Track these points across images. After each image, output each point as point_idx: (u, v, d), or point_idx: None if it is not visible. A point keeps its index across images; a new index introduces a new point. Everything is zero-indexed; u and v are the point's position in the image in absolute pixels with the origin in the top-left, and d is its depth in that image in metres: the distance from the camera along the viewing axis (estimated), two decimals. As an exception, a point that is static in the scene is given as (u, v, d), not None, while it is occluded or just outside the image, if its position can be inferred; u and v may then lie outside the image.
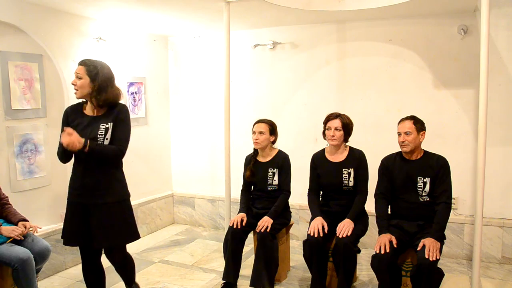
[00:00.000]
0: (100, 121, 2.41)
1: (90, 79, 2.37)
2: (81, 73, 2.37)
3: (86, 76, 2.37)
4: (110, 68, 2.47)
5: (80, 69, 2.38)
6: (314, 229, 2.83)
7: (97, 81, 2.37)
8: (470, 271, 3.29)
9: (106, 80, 2.41)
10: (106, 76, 2.41)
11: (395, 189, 2.83)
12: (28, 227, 2.72)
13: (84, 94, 2.39)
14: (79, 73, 2.37)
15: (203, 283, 3.30)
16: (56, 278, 3.38)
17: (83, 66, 2.38)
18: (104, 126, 2.39)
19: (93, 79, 2.37)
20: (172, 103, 4.89)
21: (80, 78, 2.37)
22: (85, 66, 2.38)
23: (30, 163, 3.33)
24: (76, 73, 2.38)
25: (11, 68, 3.15)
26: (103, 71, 2.41)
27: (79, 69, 2.38)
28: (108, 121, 2.41)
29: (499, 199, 3.57)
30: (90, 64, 2.39)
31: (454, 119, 3.69)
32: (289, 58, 4.26)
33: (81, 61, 2.42)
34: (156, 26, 4.20)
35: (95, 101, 2.40)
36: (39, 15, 3.30)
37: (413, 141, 2.70)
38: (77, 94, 2.41)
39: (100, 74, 2.38)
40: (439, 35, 3.68)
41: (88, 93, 2.39)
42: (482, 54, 2.68)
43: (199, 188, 4.83)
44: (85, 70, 2.37)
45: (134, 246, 4.10)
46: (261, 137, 3.17)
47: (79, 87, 2.38)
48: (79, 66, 2.40)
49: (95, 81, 2.37)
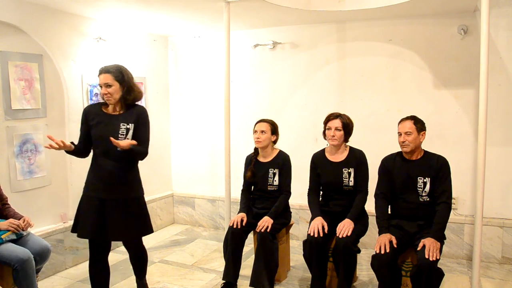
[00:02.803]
0: (120, 120, 2.53)
1: (119, 83, 2.51)
2: (109, 81, 2.48)
3: (116, 82, 2.49)
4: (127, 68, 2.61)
5: (107, 77, 2.48)
6: (314, 229, 2.83)
7: (125, 83, 2.52)
8: (470, 271, 3.29)
9: (131, 80, 2.57)
10: (129, 76, 2.57)
11: (395, 189, 2.83)
12: (26, 220, 2.71)
13: (117, 99, 2.53)
14: (107, 81, 2.48)
15: (203, 283, 3.30)
16: (56, 278, 3.38)
17: (109, 73, 2.49)
18: (125, 126, 2.52)
19: (121, 83, 2.51)
20: (172, 103, 4.89)
21: (110, 86, 2.49)
22: (110, 73, 2.49)
23: (30, 163, 3.33)
24: (105, 83, 2.48)
25: (11, 68, 3.15)
26: (126, 72, 2.56)
27: (105, 77, 2.49)
28: (129, 122, 2.53)
29: (499, 199, 3.57)
30: (113, 70, 2.51)
31: (454, 119, 3.69)
32: (289, 58, 4.26)
33: (103, 69, 2.52)
34: (156, 26, 4.20)
35: (124, 101, 2.55)
36: (39, 15, 3.30)
37: (413, 141, 2.70)
38: (111, 101, 2.53)
39: (125, 76, 2.53)
40: (439, 35, 3.68)
41: (120, 97, 2.53)
42: (482, 54, 2.68)
43: (199, 188, 4.83)
44: (113, 77, 2.49)
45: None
46: (262, 136, 3.17)
47: (112, 94, 2.50)
48: (104, 75, 2.49)
49: (123, 83, 2.52)
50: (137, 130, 2.54)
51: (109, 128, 2.50)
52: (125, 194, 2.53)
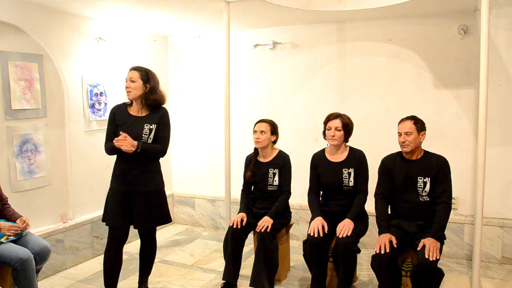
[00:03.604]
0: (144, 121, 2.72)
1: (143, 82, 2.70)
2: (134, 77, 2.69)
3: (140, 79, 2.69)
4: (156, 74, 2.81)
5: (134, 73, 2.70)
6: (314, 229, 2.83)
7: (150, 84, 2.71)
8: (470, 271, 3.29)
9: (156, 84, 2.76)
10: (155, 80, 2.77)
11: (395, 189, 2.83)
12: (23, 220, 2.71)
13: (137, 95, 2.71)
14: (132, 77, 2.69)
15: (203, 283, 3.30)
16: (56, 278, 3.38)
17: (136, 71, 2.71)
18: (148, 126, 2.72)
19: (146, 82, 2.70)
20: (172, 103, 4.88)
21: (134, 82, 2.69)
22: (138, 71, 2.71)
23: (30, 163, 3.33)
24: (130, 78, 2.69)
25: (11, 68, 3.15)
26: (153, 76, 2.76)
27: (132, 73, 2.70)
28: (153, 123, 2.73)
29: (499, 199, 3.57)
30: (141, 69, 2.74)
31: (454, 119, 3.69)
32: (289, 58, 4.26)
33: (133, 67, 2.75)
34: (156, 26, 4.20)
35: (145, 101, 2.73)
36: (39, 15, 3.30)
37: (413, 141, 2.70)
38: (130, 95, 2.71)
39: (151, 78, 2.73)
40: (439, 35, 3.68)
41: (140, 95, 2.71)
42: (482, 54, 2.68)
43: (199, 188, 4.83)
44: (139, 75, 2.70)
45: (134, 246, 4.11)
46: (262, 136, 3.17)
47: (134, 89, 2.69)
48: (131, 71, 2.72)
49: (147, 83, 2.71)
50: (158, 129, 2.74)
51: (133, 128, 2.69)
52: (149, 187, 2.75)
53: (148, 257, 2.99)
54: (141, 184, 2.73)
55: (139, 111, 2.77)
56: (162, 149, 2.80)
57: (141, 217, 2.75)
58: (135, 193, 2.73)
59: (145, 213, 2.74)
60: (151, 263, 3.02)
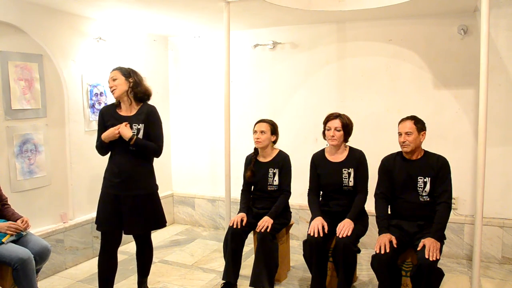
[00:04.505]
0: (132, 121, 2.66)
1: (125, 77, 2.67)
2: (115, 75, 2.67)
3: (121, 76, 2.67)
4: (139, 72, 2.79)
5: (114, 73, 2.69)
6: (314, 229, 2.83)
7: (132, 78, 2.68)
8: (470, 271, 3.29)
9: (140, 78, 2.74)
10: (138, 75, 2.74)
11: (395, 189, 2.83)
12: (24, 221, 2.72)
13: (122, 91, 2.66)
14: (113, 76, 2.67)
15: (203, 283, 3.30)
16: (56, 278, 3.38)
17: (116, 70, 2.70)
18: (136, 126, 2.65)
19: (128, 77, 2.68)
20: (172, 103, 4.89)
21: (116, 79, 2.66)
22: (118, 70, 2.70)
23: (30, 163, 3.33)
24: (111, 77, 2.67)
25: (11, 68, 3.15)
26: (136, 73, 2.74)
27: (113, 73, 2.68)
28: (139, 122, 2.66)
29: (499, 199, 3.57)
30: (122, 68, 2.72)
31: (454, 119, 3.69)
32: (289, 58, 4.26)
33: (114, 68, 2.72)
34: (156, 26, 4.20)
35: (133, 95, 2.68)
36: (39, 15, 3.30)
37: (413, 141, 2.70)
38: (115, 93, 2.67)
39: (132, 73, 2.71)
40: (439, 35, 3.68)
41: (125, 91, 2.67)
42: (482, 54, 2.68)
43: (199, 188, 4.83)
44: (119, 72, 2.68)
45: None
46: (262, 136, 3.17)
47: (117, 86, 2.65)
48: (113, 72, 2.70)
49: (130, 78, 2.68)
50: (147, 128, 2.67)
51: None
52: (139, 190, 2.66)
53: (145, 259, 2.94)
54: (132, 188, 2.64)
55: (127, 109, 2.71)
56: (157, 147, 2.72)
57: (132, 223, 2.65)
58: (125, 196, 2.63)
59: (136, 218, 2.65)
60: (148, 265, 2.98)
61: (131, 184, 2.64)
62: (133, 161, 2.65)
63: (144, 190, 2.69)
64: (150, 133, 2.69)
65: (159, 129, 2.74)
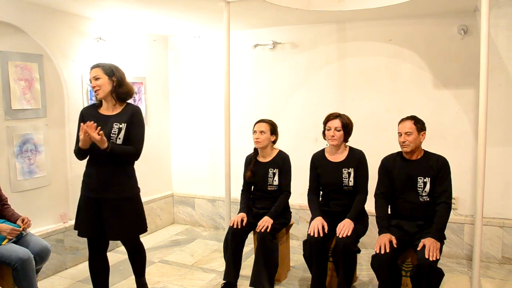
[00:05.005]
0: (114, 120, 2.54)
1: (108, 76, 2.54)
2: (98, 74, 2.53)
3: (104, 75, 2.53)
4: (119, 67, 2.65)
5: (96, 71, 2.54)
6: (314, 229, 2.83)
7: (115, 77, 2.55)
8: (470, 271, 3.29)
9: (122, 75, 2.60)
10: (120, 72, 2.61)
11: (395, 189, 2.83)
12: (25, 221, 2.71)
13: (106, 92, 2.54)
14: (96, 75, 2.53)
15: (203, 283, 3.30)
16: (56, 278, 3.38)
17: (98, 68, 2.54)
18: (117, 126, 2.53)
19: (111, 76, 2.54)
20: (172, 103, 4.89)
21: (99, 78, 2.52)
22: (100, 68, 2.54)
23: (30, 163, 3.33)
24: (93, 76, 2.53)
25: (11, 68, 3.15)
26: (117, 69, 2.60)
27: (94, 71, 2.54)
28: (122, 122, 2.54)
29: (499, 199, 3.57)
30: (103, 65, 2.57)
31: (454, 119, 3.69)
32: (289, 58, 4.26)
33: (94, 65, 2.57)
34: (156, 26, 4.20)
35: (116, 96, 2.57)
36: (39, 15, 3.29)
37: (413, 141, 2.70)
38: (99, 95, 2.55)
39: (115, 71, 2.57)
40: (439, 35, 3.68)
41: (109, 91, 2.55)
42: (482, 54, 2.68)
43: (199, 188, 4.83)
44: (102, 70, 2.53)
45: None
46: (262, 137, 3.17)
47: (101, 86, 2.52)
48: (93, 69, 2.54)
49: (113, 77, 2.55)
50: (129, 129, 2.54)
51: (102, 129, 2.46)
52: (119, 193, 2.54)
53: (136, 262, 2.83)
54: (111, 191, 2.51)
55: (110, 109, 2.59)
56: (135, 151, 2.57)
57: (112, 228, 2.54)
58: (104, 200, 2.52)
59: (116, 223, 2.53)
60: (141, 267, 2.86)
61: (110, 187, 2.52)
62: (111, 164, 2.52)
63: (124, 194, 2.56)
64: (131, 134, 2.55)
65: (141, 131, 2.61)
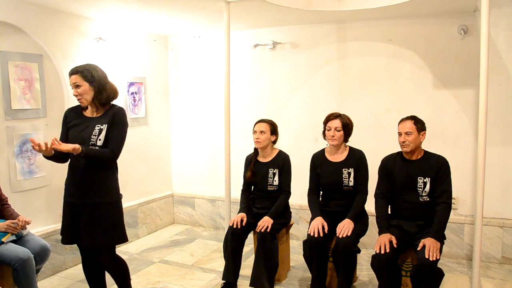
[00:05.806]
0: (96, 122, 2.45)
1: (89, 83, 2.40)
2: (78, 81, 2.39)
3: (84, 81, 2.39)
4: (98, 66, 2.51)
5: (75, 78, 2.39)
6: (314, 229, 2.83)
7: (96, 82, 2.41)
8: (470, 271, 3.29)
9: (102, 78, 2.45)
10: (100, 74, 2.45)
11: (395, 189, 2.83)
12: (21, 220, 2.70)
13: (89, 100, 2.43)
14: (76, 81, 2.39)
15: (203, 283, 3.30)
16: (56, 278, 3.38)
17: (77, 74, 2.40)
18: (98, 127, 2.42)
19: (91, 82, 2.40)
20: (172, 103, 4.89)
21: (79, 86, 2.39)
22: (78, 74, 2.39)
23: (30, 163, 3.33)
24: (73, 83, 2.40)
25: (11, 68, 3.15)
26: (96, 70, 2.44)
27: (74, 78, 2.39)
28: (104, 123, 2.43)
29: (499, 199, 3.57)
30: (81, 69, 2.41)
31: (454, 119, 3.69)
32: (289, 58, 4.26)
33: (72, 70, 2.43)
34: (156, 26, 4.20)
35: (98, 101, 2.44)
36: (39, 15, 3.29)
37: (413, 141, 2.70)
38: (83, 103, 2.44)
39: (95, 75, 2.41)
40: (439, 35, 3.68)
41: (92, 97, 2.42)
42: (482, 54, 2.68)
43: (199, 188, 4.83)
44: (81, 77, 2.39)
45: (134, 246, 4.11)
46: (262, 137, 3.17)
47: (83, 94, 2.40)
48: (72, 76, 2.40)
49: (93, 82, 2.40)
50: (109, 130, 2.42)
51: (84, 131, 2.42)
52: (97, 198, 2.41)
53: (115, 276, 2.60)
54: (89, 195, 2.40)
55: (93, 112, 2.49)
56: (112, 153, 2.42)
57: (86, 234, 2.40)
58: (83, 205, 2.40)
59: (92, 229, 2.39)
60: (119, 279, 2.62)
61: (89, 191, 2.40)
62: (90, 167, 2.40)
63: (103, 198, 2.42)
64: (110, 135, 2.42)
65: (120, 132, 2.47)
